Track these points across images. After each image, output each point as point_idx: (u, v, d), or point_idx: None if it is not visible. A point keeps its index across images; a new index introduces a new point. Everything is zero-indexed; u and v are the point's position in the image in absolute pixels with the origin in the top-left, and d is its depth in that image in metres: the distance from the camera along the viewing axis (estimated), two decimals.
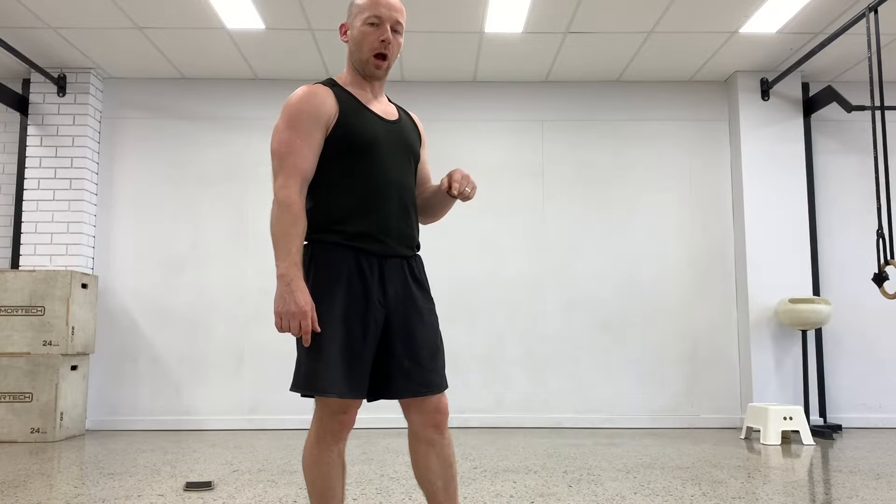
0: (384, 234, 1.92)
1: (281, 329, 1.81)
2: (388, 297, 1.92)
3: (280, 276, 1.80)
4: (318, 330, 1.82)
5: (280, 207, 1.83)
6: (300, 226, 1.83)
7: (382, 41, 1.94)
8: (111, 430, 5.54)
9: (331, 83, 1.98)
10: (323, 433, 1.89)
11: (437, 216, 2.16)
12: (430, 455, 1.98)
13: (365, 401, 2.05)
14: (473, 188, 1.95)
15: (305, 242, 1.93)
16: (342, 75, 2.03)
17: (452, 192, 1.92)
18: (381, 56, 1.96)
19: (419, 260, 2.04)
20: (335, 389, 1.81)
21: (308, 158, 1.87)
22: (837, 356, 5.73)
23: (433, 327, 1.99)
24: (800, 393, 5.48)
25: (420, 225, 2.05)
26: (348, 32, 2.00)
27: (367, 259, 1.90)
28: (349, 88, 1.99)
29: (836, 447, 4.63)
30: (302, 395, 1.91)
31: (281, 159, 1.86)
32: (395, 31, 1.98)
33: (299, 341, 1.88)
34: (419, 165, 2.13)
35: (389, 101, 2.11)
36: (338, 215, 1.90)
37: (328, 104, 1.90)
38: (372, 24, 1.95)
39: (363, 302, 1.87)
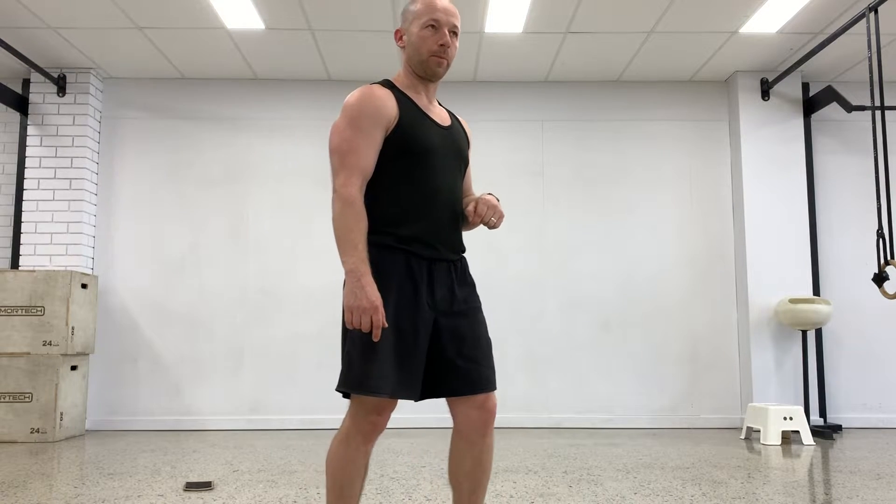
0: (434, 239, 1.95)
1: (351, 324, 1.81)
2: (437, 300, 1.95)
3: (349, 272, 1.82)
4: (386, 325, 1.83)
5: (344, 204, 1.85)
6: (364, 222, 1.86)
7: (441, 45, 1.98)
8: (111, 430, 5.54)
9: (390, 85, 2.00)
10: (354, 433, 1.90)
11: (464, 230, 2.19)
12: (465, 455, 1.99)
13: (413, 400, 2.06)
14: (500, 217, 2.00)
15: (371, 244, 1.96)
16: (398, 77, 2.05)
17: (476, 221, 1.98)
18: (442, 57, 1.99)
19: (464, 262, 2.07)
20: (387, 390, 1.82)
21: (369, 157, 1.90)
22: (837, 356, 5.73)
23: (482, 326, 2.03)
24: (800, 393, 5.48)
25: None
26: (404, 38, 2.03)
27: (416, 262, 1.93)
28: (409, 93, 2.02)
29: (837, 447, 4.63)
30: (343, 396, 1.92)
31: (342, 157, 1.88)
32: (452, 33, 2.01)
33: (351, 341, 1.88)
34: (467, 172, 2.19)
35: (439, 104, 2.15)
36: (392, 217, 1.93)
37: (389, 105, 1.93)
38: (430, 27, 1.98)
39: (413, 304, 1.90)
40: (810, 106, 5.69)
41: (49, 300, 5.03)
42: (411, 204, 1.93)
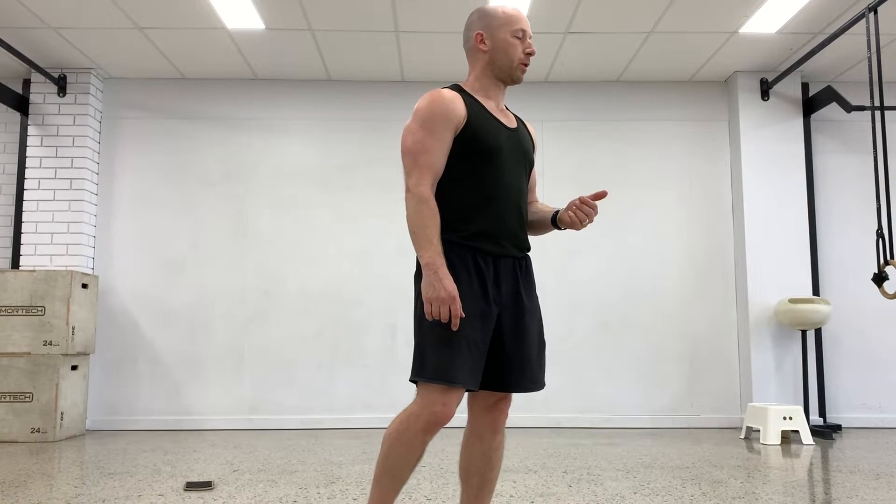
0: (500, 235, 2.03)
1: (431, 315, 1.90)
2: (502, 295, 2.03)
3: (426, 265, 1.91)
4: (463, 315, 1.92)
5: (418, 202, 1.95)
6: (437, 218, 1.96)
7: (528, 53, 2.11)
8: (111, 429, 5.54)
9: (459, 89, 2.09)
10: (415, 420, 1.96)
11: (538, 234, 2.26)
12: (475, 450, 2.08)
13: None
14: (592, 216, 2.04)
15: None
16: (467, 82, 2.14)
17: (573, 226, 2.06)
18: (526, 64, 2.12)
19: (529, 260, 2.14)
20: (461, 379, 1.89)
21: (439, 157, 1.99)
22: (837, 356, 5.73)
23: (540, 325, 2.11)
24: (800, 393, 5.49)
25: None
26: (487, 42, 2.10)
27: (483, 258, 2.01)
28: (478, 97, 2.11)
29: (836, 447, 4.63)
30: (411, 381, 1.99)
31: (415, 157, 1.98)
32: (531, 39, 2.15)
33: (424, 333, 1.96)
34: (531, 174, 2.26)
35: (507, 109, 2.22)
36: (459, 214, 2.01)
37: (458, 107, 2.01)
38: (518, 38, 2.09)
39: (481, 299, 1.97)
40: (810, 106, 5.69)
41: (49, 300, 5.04)
42: (478, 201, 2.02)
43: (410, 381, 2.01)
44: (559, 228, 2.12)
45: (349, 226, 5.79)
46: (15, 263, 5.57)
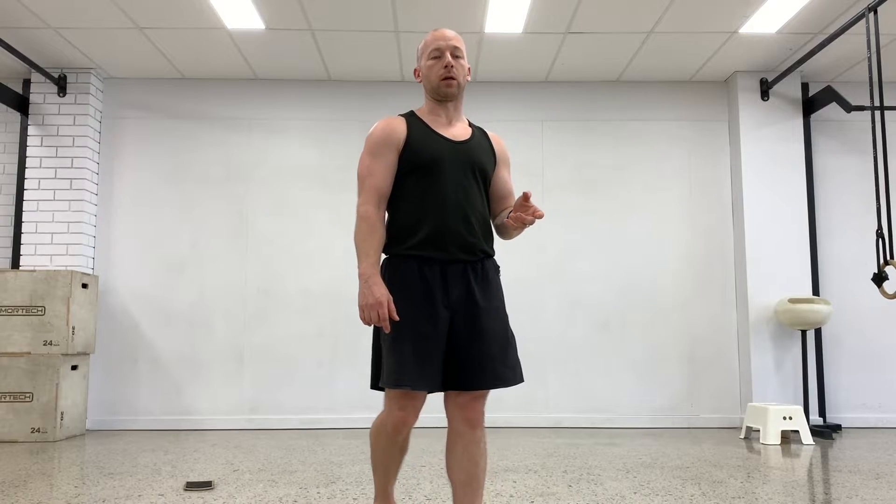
0: (446, 242, 2.16)
1: (365, 321, 2.06)
2: (452, 300, 2.16)
3: (361, 276, 2.09)
4: (396, 318, 2.07)
5: (360, 219, 2.15)
6: (377, 234, 2.14)
7: (446, 67, 2.22)
8: (111, 429, 5.54)
9: (409, 114, 2.29)
10: (386, 424, 2.17)
11: (508, 238, 2.33)
12: (457, 448, 2.18)
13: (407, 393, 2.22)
14: (536, 214, 2.05)
15: (384, 256, 2.23)
16: (421, 108, 2.32)
17: (516, 228, 2.13)
18: (449, 77, 2.22)
19: (487, 263, 2.24)
20: (412, 383, 2.05)
21: (385, 178, 2.20)
22: (837, 356, 5.73)
23: (504, 324, 2.20)
24: (799, 393, 5.49)
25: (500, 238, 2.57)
26: (420, 72, 2.30)
27: (429, 267, 2.16)
28: (425, 117, 2.28)
29: (836, 447, 4.63)
30: (372, 388, 2.22)
31: (362, 181, 2.20)
32: (455, 56, 2.25)
33: (376, 343, 2.20)
34: (497, 181, 2.35)
35: (470, 124, 2.37)
36: (407, 225, 2.19)
37: (399, 130, 2.22)
38: (435, 58, 2.25)
39: (427, 304, 2.12)
40: (810, 106, 5.69)
41: (50, 300, 5.04)
42: (423, 212, 2.17)
43: (371, 388, 2.27)
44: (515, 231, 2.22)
45: (349, 226, 5.79)
46: (15, 263, 5.57)
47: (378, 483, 2.29)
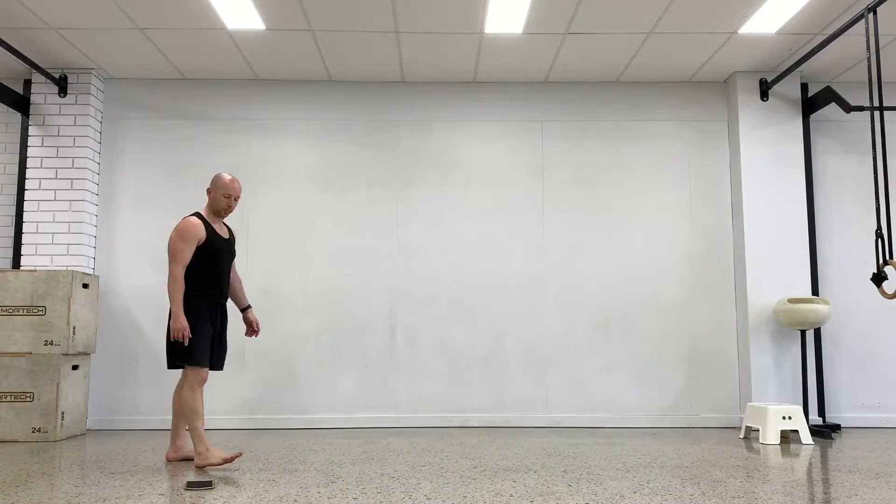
0: (220, 293, 4.00)
1: (176, 336, 3.76)
2: (216, 322, 3.99)
3: (173, 312, 3.76)
4: (192, 337, 3.81)
5: (172, 280, 3.80)
6: (183, 286, 3.82)
7: (230, 206, 4.00)
8: (112, 429, 5.55)
9: (200, 216, 3.94)
10: (195, 386, 3.83)
11: (231, 296, 4.28)
12: (176, 395, 4.07)
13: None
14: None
15: (187, 297, 3.87)
16: (204, 211, 4.01)
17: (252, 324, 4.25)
18: (228, 212, 4.03)
19: (226, 305, 4.42)
20: (206, 363, 3.88)
21: (188, 256, 3.84)
22: (836, 356, 5.74)
23: (226, 334, 4.43)
24: (799, 392, 5.50)
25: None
26: (212, 194, 3.98)
27: (212, 304, 3.95)
28: (209, 220, 3.99)
29: (835, 447, 4.64)
30: (170, 367, 3.93)
31: (174, 255, 3.82)
32: (236, 199, 4.00)
33: (176, 342, 3.83)
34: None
35: (224, 224, 4.15)
36: (203, 283, 3.91)
37: (202, 229, 3.89)
38: (227, 196, 3.98)
39: (210, 324, 3.93)
40: (809, 106, 5.70)
41: (50, 300, 5.04)
42: (210, 277, 3.93)
43: (173, 367, 3.92)
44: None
45: (349, 226, 5.80)
46: (16, 263, 5.58)
47: (199, 431, 3.80)
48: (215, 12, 4.74)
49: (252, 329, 4.16)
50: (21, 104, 5.57)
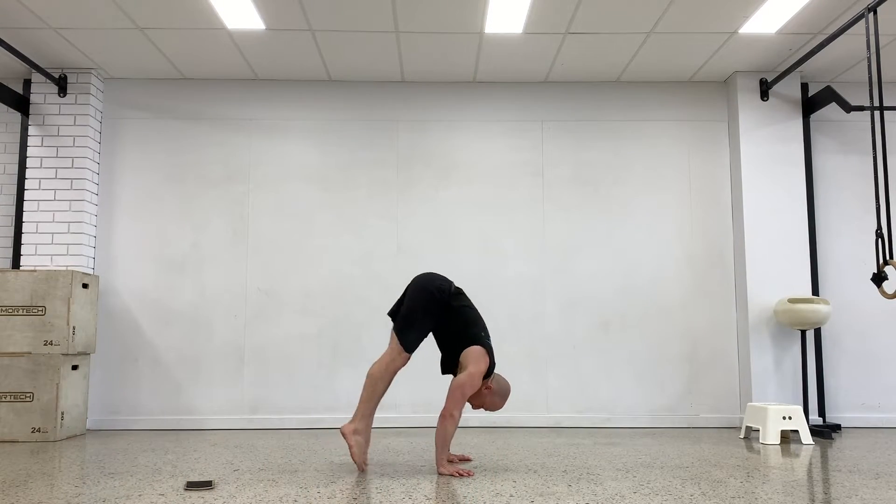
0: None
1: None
2: None
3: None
4: None
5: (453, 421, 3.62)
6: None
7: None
8: (112, 429, 5.55)
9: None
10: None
11: None
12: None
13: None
14: None
15: None
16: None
17: None
18: None
19: None
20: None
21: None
22: (836, 356, 5.74)
23: None
24: (799, 392, 5.49)
25: None
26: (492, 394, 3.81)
27: None
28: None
29: (836, 447, 4.64)
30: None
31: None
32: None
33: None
34: None
35: None
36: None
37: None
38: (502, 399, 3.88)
39: None
40: (809, 106, 5.70)
41: (50, 300, 5.04)
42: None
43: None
44: None
45: (349, 226, 5.80)
46: (15, 263, 5.58)
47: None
48: (215, 12, 4.74)
49: None
50: (21, 104, 5.57)
